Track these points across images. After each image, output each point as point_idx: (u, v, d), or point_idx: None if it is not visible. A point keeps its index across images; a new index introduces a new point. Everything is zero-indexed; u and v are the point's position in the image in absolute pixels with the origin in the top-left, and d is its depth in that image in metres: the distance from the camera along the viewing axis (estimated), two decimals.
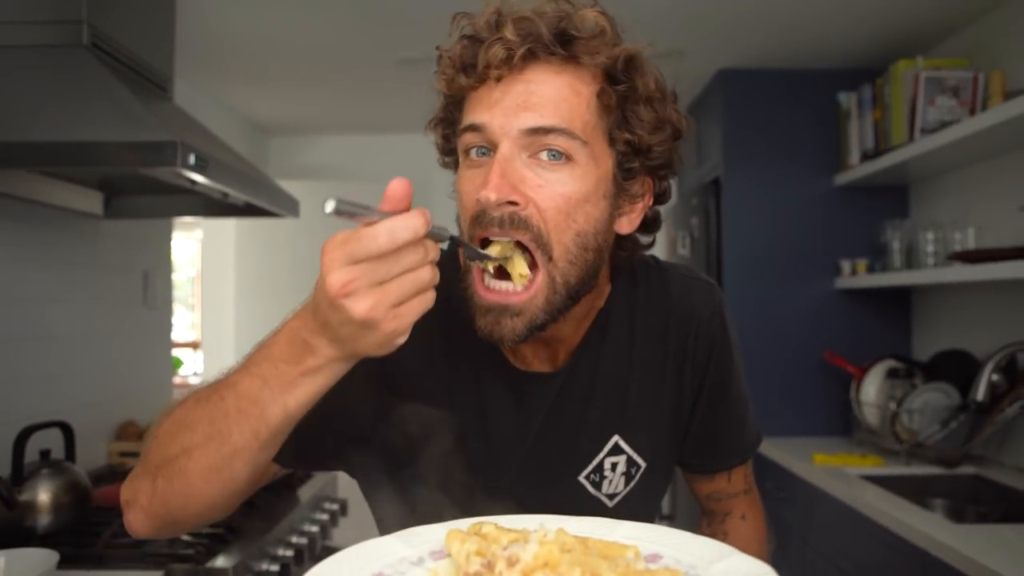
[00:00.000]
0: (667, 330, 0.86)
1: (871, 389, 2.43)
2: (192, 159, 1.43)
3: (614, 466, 0.84)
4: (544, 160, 0.70)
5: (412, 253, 0.55)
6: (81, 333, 2.08)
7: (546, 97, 0.69)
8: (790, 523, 2.38)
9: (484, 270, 0.71)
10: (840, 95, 2.73)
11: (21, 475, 1.51)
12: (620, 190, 0.76)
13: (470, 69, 0.72)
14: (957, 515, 2.04)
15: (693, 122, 0.79)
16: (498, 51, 0.69)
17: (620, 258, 0.83)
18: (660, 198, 0.82)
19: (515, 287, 0.71)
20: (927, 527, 1.62)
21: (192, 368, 5.28)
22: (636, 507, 0.86)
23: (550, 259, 0.70)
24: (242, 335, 3.65)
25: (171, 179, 1.70)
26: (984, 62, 2.31)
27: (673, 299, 0.87)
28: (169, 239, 2.65)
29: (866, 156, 2.58)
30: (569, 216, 0.70)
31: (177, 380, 4.89)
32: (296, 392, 0.61)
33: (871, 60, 2.71)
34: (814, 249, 2.79)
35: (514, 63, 0.69)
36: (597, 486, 0.84)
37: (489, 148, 0.71)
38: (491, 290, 0.71)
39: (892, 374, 2.38)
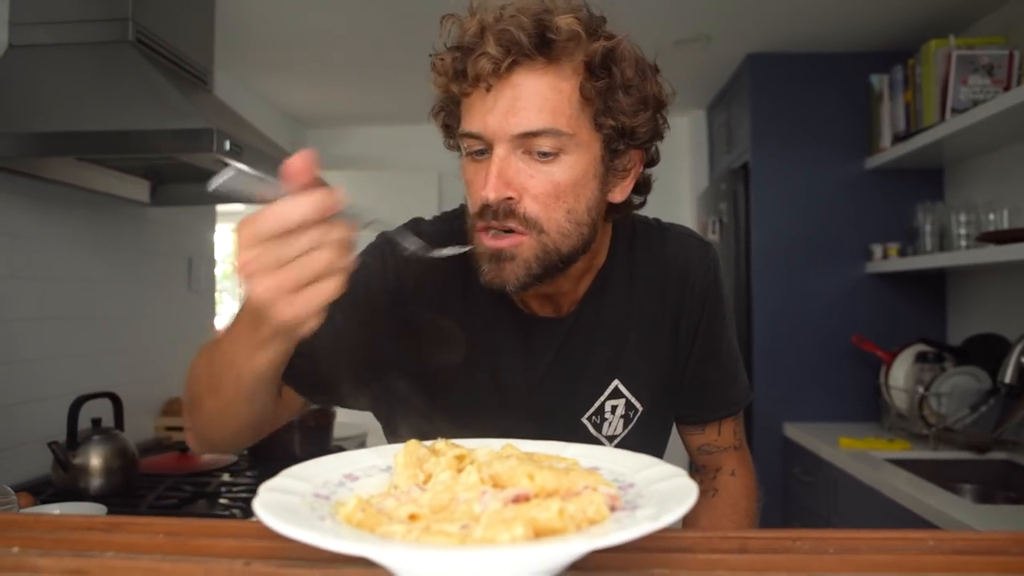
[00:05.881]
0: (665, 286, 0.92)
1: (900, 373, 2.41)
2: (227, 145, 1.53)
3: (614, 409, 0.90)
4: (537, 156, 0.76)
5: (305, 236, 0.53)
6: (128, 313, 2.21)
7: (531, 102, 0.75)
8: (816, 507, 2.39)
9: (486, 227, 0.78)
10: (872, 77, 2.70)
11: (75, 441, 1.64)
12: (609, 168, 0.82)
13: (461, 77, 0.77)
14: (985, 500, 2.02)
15: (676, 89, 0.83)
16: (485, 64, 0.74)
17: (616, 219, 0.90)
18: (650, 163, 0.87)
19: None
20: (952, 510, 1.60)
21: None
22: (634, 451, 0.90)
23: (540, 231, 0.77)
24: None
25: (210, 166, 1.81)
26: (1020, 40, 2.27)
27: (670, 256, 0.93)
28: (213, 227, 2.77)
29: (897, 138, 2.55)
30: (559, 199, 0.77)
31: None
32: (258, 357, 0.65)
33: (903, 41, 2.67)
34: (845, 234, 2.76)
35: (500, 73, 0.74)
36: (598, 428, 0.90)
37: (487, 148, 0.78)
38: (492, 237, 0.78)
39: (921, 358, 2.35)
